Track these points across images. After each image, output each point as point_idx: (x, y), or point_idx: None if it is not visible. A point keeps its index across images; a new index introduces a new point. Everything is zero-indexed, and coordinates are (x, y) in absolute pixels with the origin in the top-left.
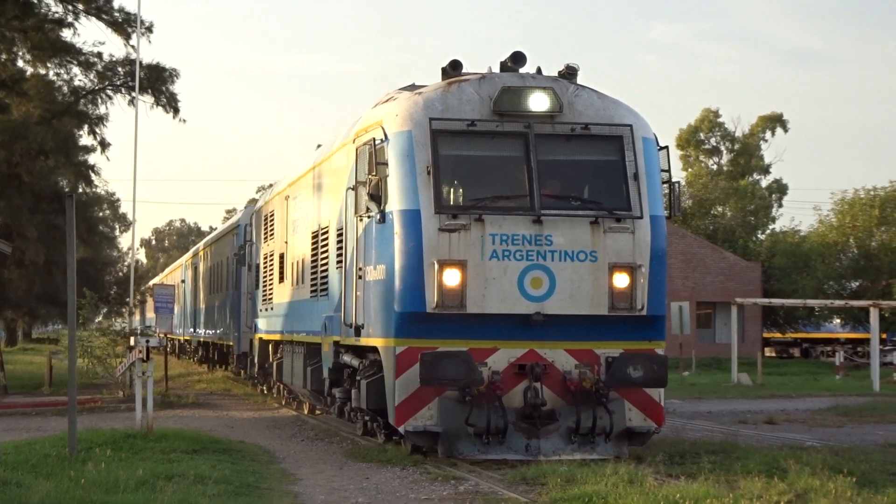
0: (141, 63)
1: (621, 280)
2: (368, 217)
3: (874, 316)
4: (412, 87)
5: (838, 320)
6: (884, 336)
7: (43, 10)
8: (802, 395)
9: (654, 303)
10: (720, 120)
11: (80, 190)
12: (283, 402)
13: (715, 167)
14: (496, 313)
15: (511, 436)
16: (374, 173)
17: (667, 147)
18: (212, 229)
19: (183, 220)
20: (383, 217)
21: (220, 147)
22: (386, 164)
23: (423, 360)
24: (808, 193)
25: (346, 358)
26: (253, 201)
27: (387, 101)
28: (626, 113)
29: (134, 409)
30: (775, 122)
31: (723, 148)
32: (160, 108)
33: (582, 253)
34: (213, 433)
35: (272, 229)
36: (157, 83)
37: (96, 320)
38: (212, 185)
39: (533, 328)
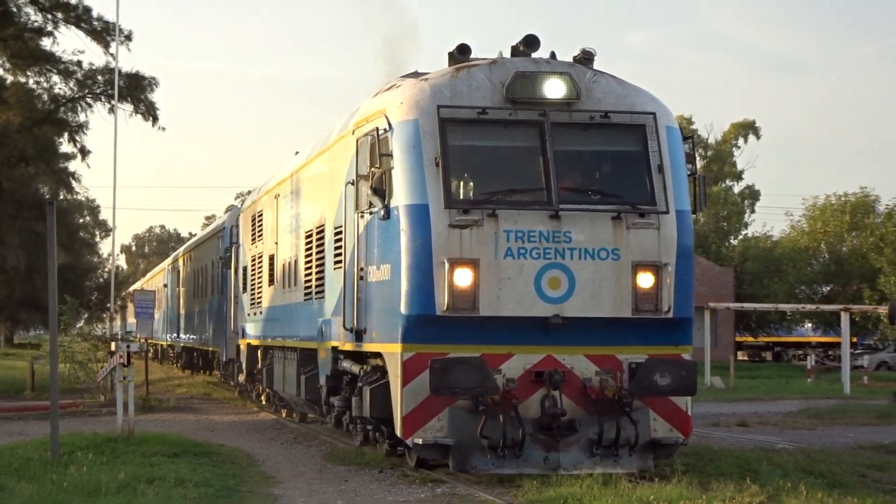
0: (120, 71)
1: (646, 280)
2: (370, 213)
3: (845, 320)
4: (416, 75)
5: (809, 324)
6: (854, 340)
7: (22, 20)
8: (774, 398)
9: (682, 304)
10: (693, 126)
11: (61, 197)
12: (273, 409)
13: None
14: (511, 316)
15: (528, 448)
16: (377, 166)
17: (692, 137)
18: (191, 235)
19: (163, 227)
20: (388, 213)
21: (198, 154)
22: (390, 155)
23: (434, 367)
24: (781, 199)
25: (346, 364)
26: (233, 206)
27: (389, 88)
28: (649, 100)
29: (115, 414)
30: (748, 128)
31: (696, 154)
32: (139, 115)
33: (603, 251)
34: (194, 437)
35: (261, 230)
36: (136, 91)
37: (77, 326)
38: (191, 191)
39: (550, 332)
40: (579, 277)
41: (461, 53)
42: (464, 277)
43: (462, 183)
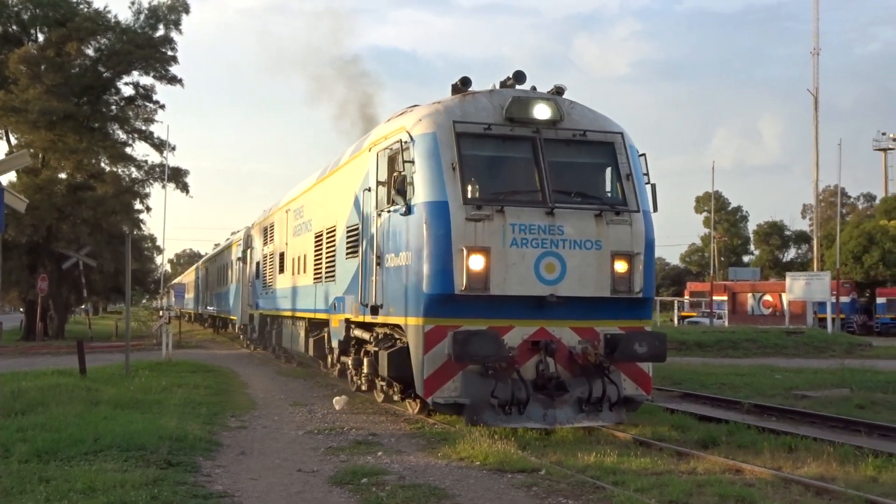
0: (168, 166)
1: (621, 266)
2: (389, 212)
3: None
4: (415, 107)
5: None
6: None
7: (115, 137)
8: None
9: (648, 286)
10: None
11: (135, 232)
12: (253, 347)
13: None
14: (515, 295)
15: (530, 406)
16: (400, 171)
17: (644, 154)
18: (206, 254)
19: (191, 248)
20: (409, 209)
21: (209, 210)
22: (412, 162)
23: (456, 339)
24: None
25: (358, 332)
26: (233, 233)
27: (402, 114)
28: (615, 124)
29: (161, 350)
30: None
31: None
32: (178, 190)
33: (588, 242)
34: (205, 361)
35: (272, 235)
36: (177, 177)
37: (142, 302)
38: (207, 231)
39: (544, 308)
40: (570, 263)
41: (463, 84)
42: (477, 262)
43: (472, 185)
